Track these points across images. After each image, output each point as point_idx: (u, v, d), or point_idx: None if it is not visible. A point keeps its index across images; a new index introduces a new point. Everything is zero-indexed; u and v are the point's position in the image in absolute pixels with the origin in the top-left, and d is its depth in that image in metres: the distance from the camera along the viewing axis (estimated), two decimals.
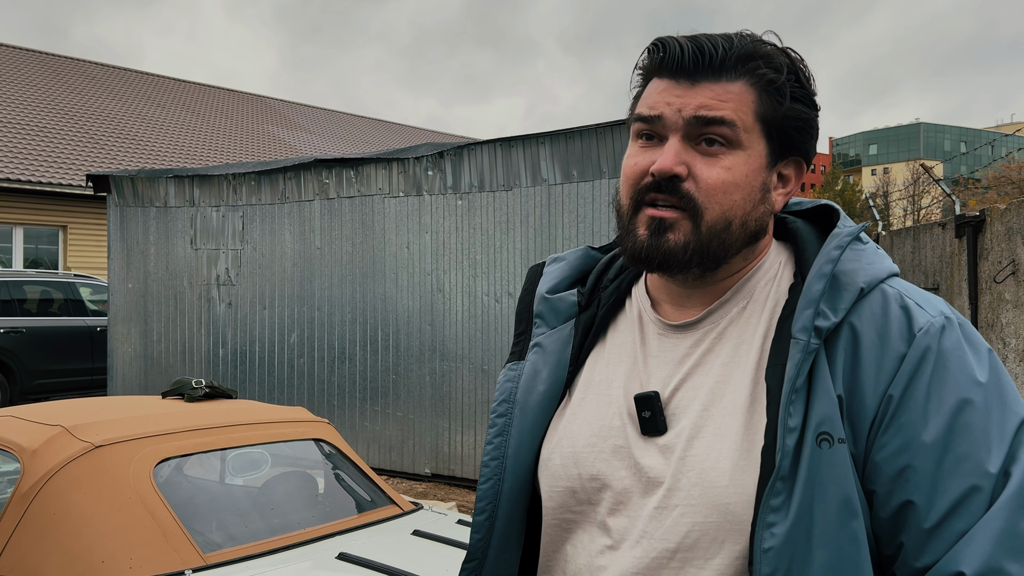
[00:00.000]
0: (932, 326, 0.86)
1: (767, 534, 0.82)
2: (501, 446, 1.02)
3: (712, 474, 0.87)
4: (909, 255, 7.62)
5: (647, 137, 0.94)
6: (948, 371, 0.84)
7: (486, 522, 1.02)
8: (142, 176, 8.05)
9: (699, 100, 0.90)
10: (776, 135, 0.93)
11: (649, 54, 0.95)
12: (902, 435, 0.83)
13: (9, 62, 20.62)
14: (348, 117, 29.87)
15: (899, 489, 0.83)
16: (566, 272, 1.09)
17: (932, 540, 0.81)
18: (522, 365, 1.05)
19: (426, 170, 6.62)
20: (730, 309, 0.96)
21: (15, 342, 9.43)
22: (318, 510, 2.92)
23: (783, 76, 0.91)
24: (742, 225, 0.92)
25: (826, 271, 0.88)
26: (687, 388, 0.94)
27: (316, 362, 7.13)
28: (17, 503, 2.39)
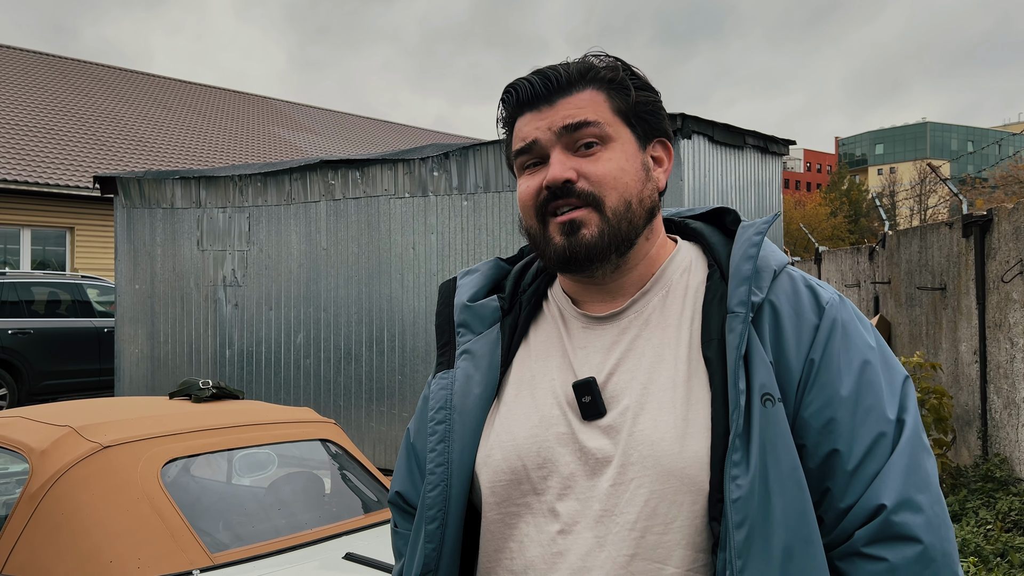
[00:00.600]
0: (833, 300, 1.02)
1: (733, 486, 0.91)
2: (444, 452, 1.06)
3: (662, 444, 0.96)
4: (916, 255, 7.60)
5: (532, 165, 1.05)
6: (850, 337, 0.99)
7: (438, 530, 1.05)
8: (149, 178, 8.07)
9: (562, 113, 1.02)
10: (636, 122, 1.06)
11: (505, 102, 1.07)
12: (825, 392, 0.96)
13: (17, 64, 20.71)
14: (353, 118, 29.91)
15: (825, 440, 0.95)
16: (481, 282, 1.16)
17: (853, 481, 0.94)
18: (453, 372, 1.10)
19: (431, 171, 6.63)
20: (652, 299, 1.06)
21: (23, 343, 9.48)
22: (325, 510, 2.92)
23: (620, 73, 1.05)
24: (639, 203, 1.04)
25: (752, 254, 1.00)
26: (622, 372, 1.02)
27: (322, 363, 7.14)
28: (26, 503, 2.40)
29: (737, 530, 0.91)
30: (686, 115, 5.74)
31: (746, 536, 0.91)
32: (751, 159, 6.98)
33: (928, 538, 0.92)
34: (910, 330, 7.89)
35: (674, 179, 5.70)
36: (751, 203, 7.00)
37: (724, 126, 6.36)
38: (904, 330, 8.13)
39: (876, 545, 0.93)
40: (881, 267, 9.38)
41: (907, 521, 0.92)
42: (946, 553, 0.94)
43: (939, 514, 0.95)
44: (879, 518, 0.93)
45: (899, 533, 0.92)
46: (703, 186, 6.07)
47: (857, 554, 0.94)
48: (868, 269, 10.23)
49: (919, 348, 7.46)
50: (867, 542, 0.93)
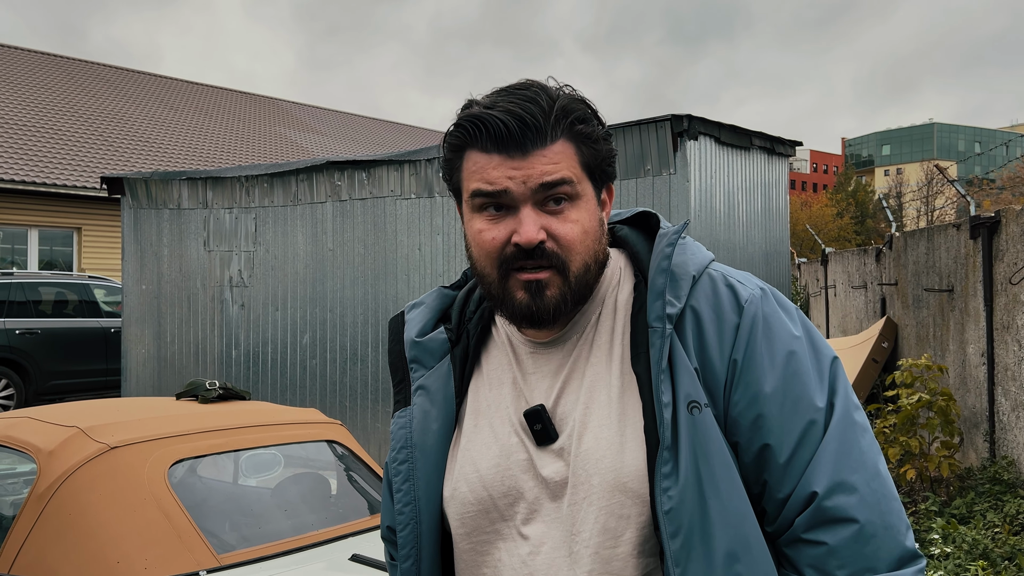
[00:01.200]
0: (753, 297, 1.03)
1: (664, 498, 0.94)
2: (410, 491, 1.08)
3: (604, 461, 0.99)
4: (923, 256, 7.58)
5: (493, 208, 1.02)
6: (773, 331, 1.01)
7: (413, 567, 1.08)
8: (156, 178, 8.10)
9: (538, 169, 0.99)
10: (598, 175, 1.06)
11: (466, 131, 1.02)
12: (750, 390, 0.98)
13: (25, 65, 20.79)
14: (359, 119, 29.95)
15: (756, 436, 0.98)
16: (428, 315, 1.16)
17: (787, 472, 0.97)
18: (411, 410, 1.11)
19: (437, 172, 6.63)
20: (589, 319, 1.08)
21: (31, 343, 9.51)
22: (331, 511, 2.93)
23: (592, 126, 1.04)
24: (595, 261, 1.05)
25: (664, 266, 1.02)
26: (567, 394, 1.04)
27: (328, 363, 7.15)
28: (34, 504, 2.41)
29: (672, 539, 0.94)
30: (692, 116, 5.73)
31: (682, 544, 0.94)
32: (758, 160, 6.96)
33: (864, 515, 0.95)
34: (917, 332, 7.87)
35: (680, 181, 5.69)
36: (758, 204, 6.99)
37: (730, 127, 6.34)
38: (911, 332, 8.10)
39: (815, 530, 0.96)
40: (888, 269, 9.35)
41: (839, 504, 0.95)
42: (888, 526, 0.96)
43: (876, 490, 0.96)
44: (813, 504, 0.96)
45: (833, 516, 0.95)
46: (709, 187, 6.06)
47: (799, 540, 0.97)
48: (875, 270, 10.19)
49: (926, 350, 7.44)
50: (806, 528, 0.96)
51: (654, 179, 5.72)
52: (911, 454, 5.60)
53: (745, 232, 6.75)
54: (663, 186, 5.71)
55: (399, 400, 1.14)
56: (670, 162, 5.70)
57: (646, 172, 5.72)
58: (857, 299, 11.26)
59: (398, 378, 1.15)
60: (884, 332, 8.65)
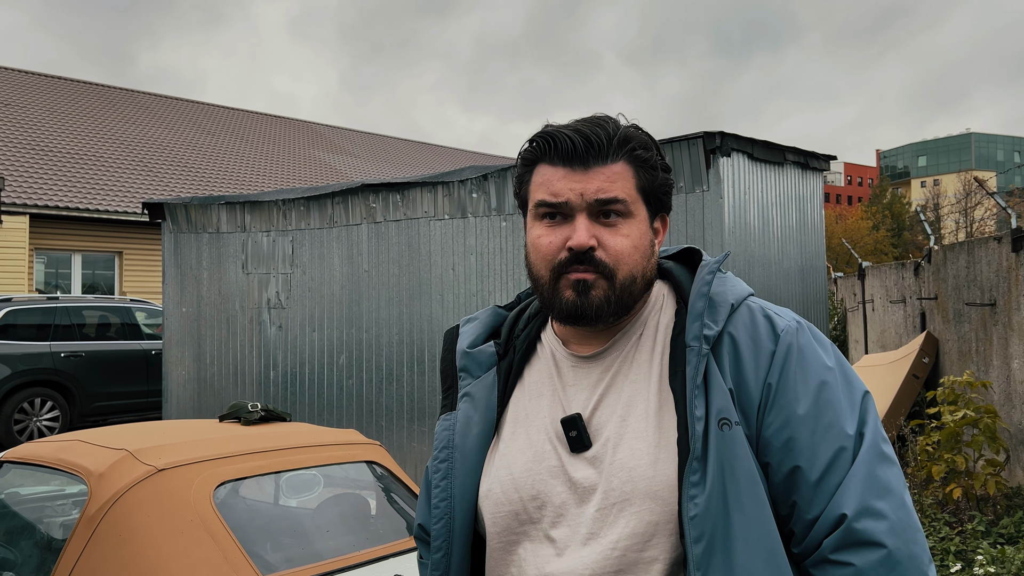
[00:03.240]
0: (790, 327, 1.10)
1: (690, 505, 1.00)
2: (447, 488, 1.17)
3: (638, 470, 1.05)
4: (963, 270, 7.45)
5: (551, 217, 1.12)
6: (807, 360, 1.07)
7: (443, 559, 1.16)
8: (195, 203, 8.27)
9: (596, 185, 1.10)
10: (653, 200, 1.15)
11: (538, 146, 1.13)
12: (783, 413, 1.04)
13: (68, 94, 21.40)
14: (394, 140, 30.31)
15: (787, 457, 1.03)
16: (480, 329, 1.26)
17: (817, 494, 1.02)
18: (455, 415, 1.20)
19: (470, 193, 6.69)
20: (630, 338, 1.15)
21: (75, 366, 9.73)
22: (372, 532, 2.95)
23: (652, 154, 1.14)
24: (643, 276, 1.13)
25: (704, 291, 1.10)
26: (604, 406, 1.12)
27: (365, 383, 7.22)
28: (85, 525, 2.47)
29: (695, 544, 1.00)
30: (725, 133, 5.72)
31: (704, 550, 0.99)
32: (791, 175, 6.92)
33: (891, 542, 0.99)
34: (959, 347, 7.72)
35: (713, 197, 5.68)
36: (792, 219, 6.94)
37: (763, 143, 6.32)
38: (952, 347, 7.95)
39: (842, 552, 1.00)
40: (927, 283, 9.20)
41: (868, 527, 0.99)
42: (912, 555, 1.00)
43: (903, 519, 1.01)
44: (842, 526, 1.00)
45: (862, 539, 0.99)
46: (743, 203, 6.04)
47: (826, 561, 1.01)
48: (914, 285, 10.04)
49: (968, 366, 7.29)
50: (834, 549, 1.00)
51: (687, 196, 5.72)
52: (956, 472, 5.49)
53: (780, 247, 6.71)
54: (696, 203, 5.70)
55: (446, 405, 1.23)
56: (703, 179, 5.70)
57: (679, 189, 5.72)
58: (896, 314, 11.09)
59: (447, 384, 1.24)
60: (925, 347, 8.51)
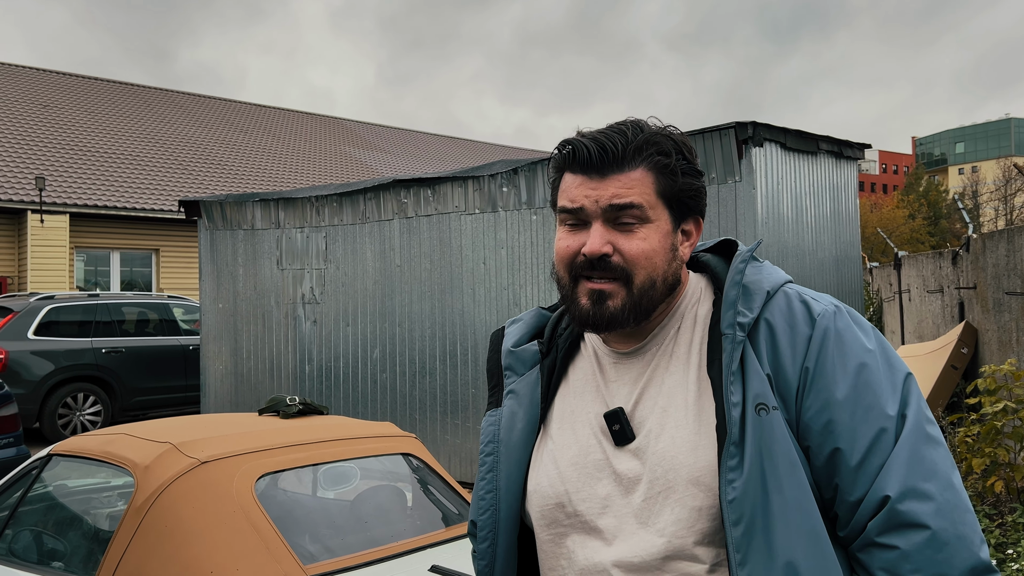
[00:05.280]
0: (826, 311, 1.10)
1: (729, 488, 1.02)
2: (492, 480, 1.20)
3: (679, 458, 1.08)
4: (1003, 258, 7.31)
5: (572, 223, 1.15)
6: (845, 343, 1.07)
7: (489, 549, 1.20)
8: (230, 201, 8.40)
9: (611, 191, 1.11)
10: (675, 205, 1.15)
11: (561, 154, 1.16)
12: (821, 397, 1.05)
13: (106, 95, 21.79)
14: (426, 136, 30.45)
15: (827, 440, 1.04)
16: (524, 330, 1.29)
17: (859, 476, 1.02)
18: (500, 411, 1.24)
19: (501, 187, 6.71)
20: (668, 332, 1.17)
21: (115, 361, 9.94)
22: (409, 523, 2.99)
23: (673, 159, 1.13)
24: (663, 281, 1.14)
25: (737, 280, 1.12)
26: (646, 399, 1.14)
27: (398, 377, 7.29)
28: (132, 516, 2.54)
29: (734, 527, 1.01)
30: (757, 123, 5.67)
31: (743, 532, 1.01)
32: (825, 164, 6.84)
33: (937, 523, 0.98)
34: (999, 337, 7.59)
35: (746, 188, 5.64)
36: (826, 209, 6.86)
37: (796, 132, 6.26)
38: (992, 337, 7.81)
39: (887, 534, 1.00)
40: (966, 272, 9.04)
41: (913, 509, 0.99)
42: (961, 536, 0.99)
43: (950, 500, 1.00)
44: (886, 508, 1.00)
45: (906, 521, 0.99)
46: (776, 193, 5.99)
47: (872, 544, 1.01)
48: (951, 274, 9.87)
49: (1009, 355, 7.16)
50: (879, 532, 1.00)
51: (719, 187, 5.68)
52: (997, 464, 5.40)
53: (814, 237, 6.64)
54: (728, 194, 5.66)
55: (492, 402, 1.27)
56: (735, 169, 5.66)
57: (711, 180, 5.68)
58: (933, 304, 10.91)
59: (493, 383, 1.28)
60: (963, 337, 8.37)
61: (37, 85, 20.57)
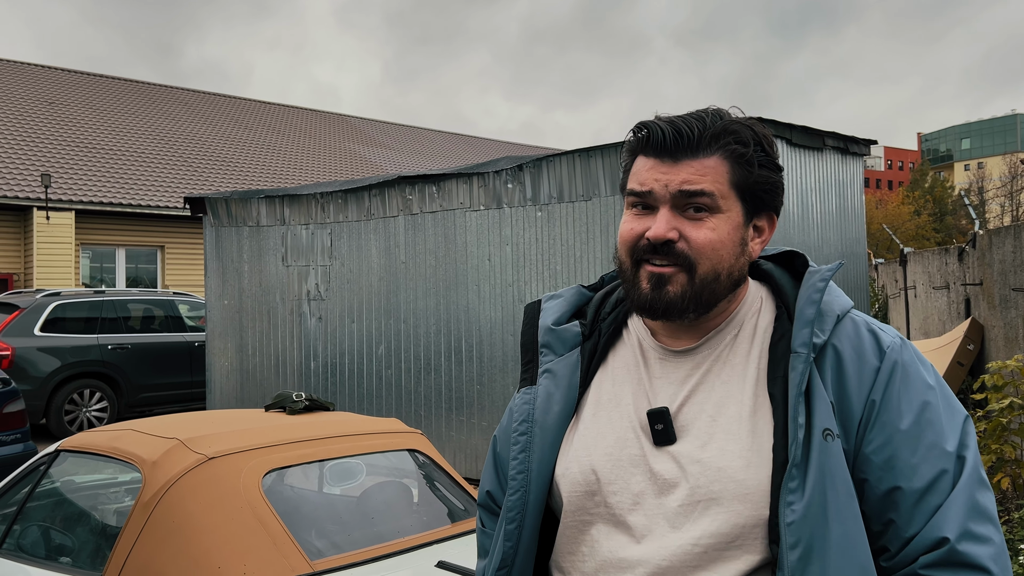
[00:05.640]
0: (895, 344, 1.08)
1: (788, 511, 0.99)
2: (525, 461, 1.16)
3: (728, 471, 1.04)
4: (1010, 255, 7.29)
5: (640, 207, 1.11)
6: (911, 379, 1.06)
7: (516, 530, 1.16)
8: (235, 197, 8.41)
9: (682, 176, 1.07)
10: (749, 198, 1.11)
11: (635, 135, 1.12)
12: (885, 431, 1.03)
13: (111, 92, 21.83)
14: (430, 133, 30.45)
15: (887, 476, 1.03)
16: (564, 308, 1.24)
17: (916, 513, 1.01)
18: (535, 389, 1.20)
19: (506, 183, 6.71)
20: (724, 337, 1.13)
21: (121, 358, 9.97)
22: (415, 519, 3.00)
23: (750, 149, 1.09)
24: (728, 275, 1.10)
25: (815, 299, 1.08)
26: (692, 403, 1.10)
27: (403, 373, 7.30)
28: (140, 511, 2.55)
29: (791, 551, 0.99)
30: (762, 119, 5.66)
31: (800, 557, 0.99)
32: (831, 160, 6.83)
33: (996, 568, 1.00)
34: (1005, 333, 7.56)
35: None
36: (832, 205, 6.84)
37: (802, 128, 6.24)
38: (999, 333, 7.79)
39: (937, 569, 1.00)
40: (972, 268, 9.02)
41: (973, 551, 0.99)
42: None
43: (1000, 544, 1.02)
44: (944, 548, 0.99)
45: (966, 561, 0.99)
46: None
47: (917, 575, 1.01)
48: (958, 270, 9.84)
49: (1016, 351, 7.14)
50: (928, 566, 1.00)
51: None
52: (1004, 461, 5.39)
53: (820, 234, 6.62)
54: None
55: (525, 379, 1.22)
56: None
57: None
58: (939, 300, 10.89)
59: (527, 359, 1.23)
60: (969, 334, 8.35)
61: (43, 82, 20.62)
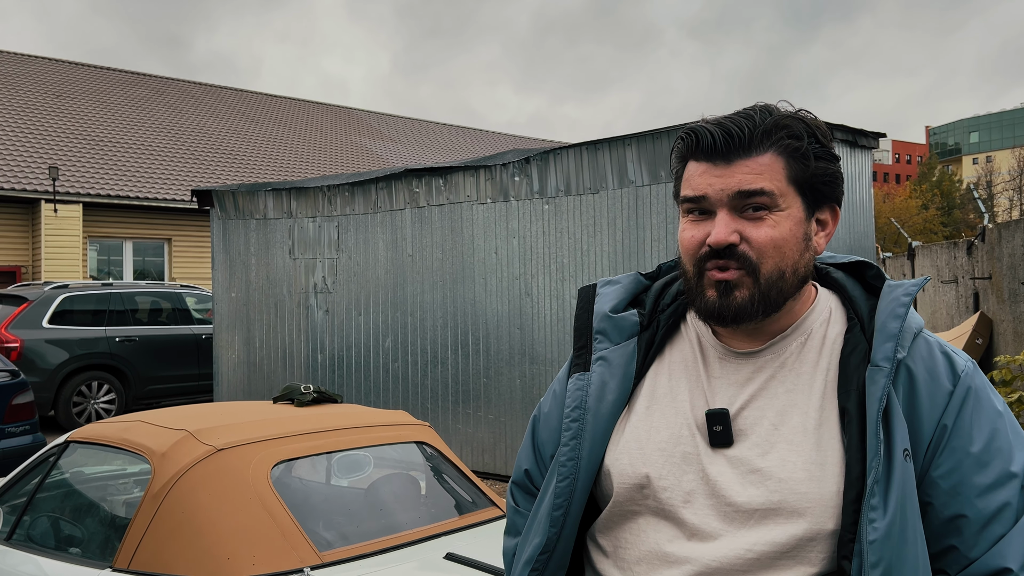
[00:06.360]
0: (968, 369, 1.06)
1: (870, 528, 0.97)
2: (576, 448, 1.14)
3: (790, 483, 1.02)
4: (1019, 248, 7.25)
5: (697, 212, 1.08)
6: (982, 405, 1.04)
7: (562, 517, 1.14)
8: (242, 190, 8.42)
9: (737, 178, 1.05)
10: (809, 192, 1.08)
11: (684, 142, 1.09)
12: (955, 456, 1.02)
13: (119, 85, 21.86)
14: (437, 126, 30.44)
15: (952, 502, 1.01)
16: (622, 295, 1.21)
17: (979, 541, 1.00)
18: (589, 376, 1.17)
19: (513, 176, 6.70)
20: (790, 344, 1.10)
21: (129, 350, 10.00)
22: (423, 511, 3.01)
23: (804, 142, 1.06)
24: (794, 272, 1.07)
25: (900, 313, 1.05)
26: (753, 408, 1.07)
27: (410, 366, 7.31)
28: (150, 502, 2.56)
29: (872, 569, 0.97)
30: None
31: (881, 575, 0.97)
32: (839, 153, 6.79)
33: None
34: (1014, 327, 7.53)
35: None
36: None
37: None
38: (1007, 328, 7.76)
39: None
40: (981, 262, 8.98)
41: None
42: None
43: None
44: None
45: None
46: None
47: None
48: (966, 264, 9.80)
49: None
50: None
51: None
52: None
53: None
54: None
55: (578, 364, 1.19)
56: None
57: None
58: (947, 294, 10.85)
59: (580, 344, 1.21)
60: (978, 328, 8.32)
61: (50, 75, 20.65)
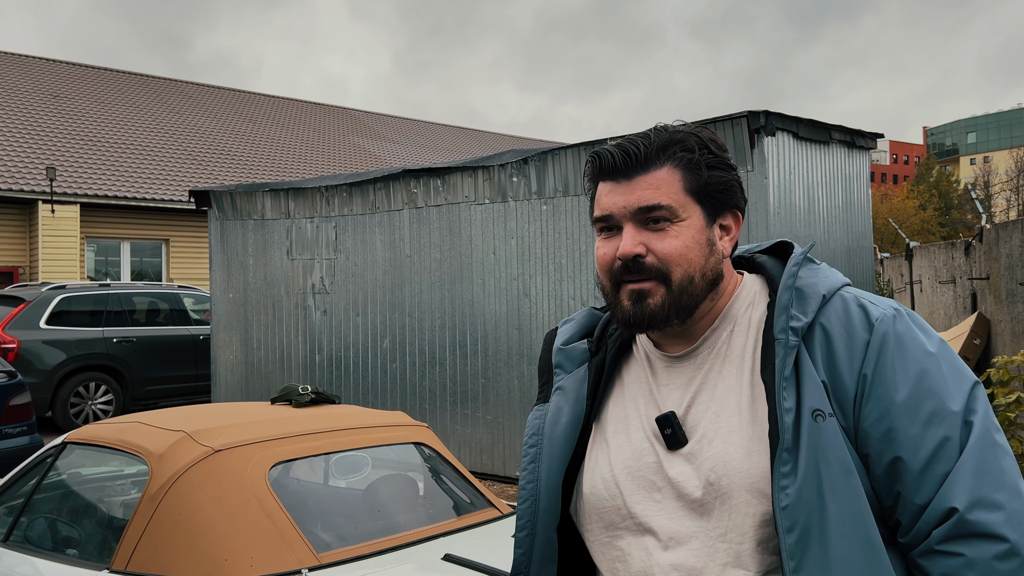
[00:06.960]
0: (885, 316, 1.08)
1: (782, 495, 1.01)
2: (535, 471, 1.22)
3: (732, 463, 1.07)
4: (1018, 248, 7.25)
5: (607, 230, 1.16)
6: (906, 348, 1.05)
7: (527, 537, 1.21)
8: (240, 191, 8.41)
9: (637, 194, 1.13)
10: (707, 200, 1.15)
11: (591, 164, 1.18)
12: (881, 404, 1.03)
13: (117, 86, 21.84)
14: (435, 127, 30.43)
15: (887, 448, 1.02)
16: (575, 328, 1.31)
17: (922, 484, 1.01)
18: (547, 406, 1.26)
19: (511, 177, 6.70)
20: (721, 334, 1.17)
21: (126, 351, 9.99)
22: (421, 512, 3.00)
23: (697, 154, 1.14)
24: (702, 276, 1.14)
25: (790, 283, 1.11)
26: (698, 403, 1.14)
27: (408, 367, 7.30)
28: (147, 504, 2.56)
29: (788, 534, 1.01)
30: (769, 112, 5.64)
31: (797, 540, 1.01)
32: (837, 154, 6.80)
33: (1013, 535, 0.97)
34: (1012, 328, 7.54)
35: (758, 177, 5.61)
36: (838, 198, 6.82)
37: (809, 121, 6.22)
38: (1006, 328, 7.76)
39: (952, 542, 0.99)
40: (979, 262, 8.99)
41: (983, 519, 0.98)
42: None
43: (1019, 510, 0.99)
44: (953, 519, 0.98)
45: (977, 531, 0.98)
46: (788, 183, 5.95)
47: (933, 552, 1.00)
48: (964, 265, 9.81)
49: (1023, 346, 7.12)
50: (942, 540, 0.99)
51: None
52: None
53: (826, 228, 6.60)
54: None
55: (540, 398, 1.29)
56: (747, 159, 5.63)
57: None
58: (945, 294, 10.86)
59: (543, 380, 1.30)
60: (976, 328, 8.33)
61: (48, 75, 20.62)
